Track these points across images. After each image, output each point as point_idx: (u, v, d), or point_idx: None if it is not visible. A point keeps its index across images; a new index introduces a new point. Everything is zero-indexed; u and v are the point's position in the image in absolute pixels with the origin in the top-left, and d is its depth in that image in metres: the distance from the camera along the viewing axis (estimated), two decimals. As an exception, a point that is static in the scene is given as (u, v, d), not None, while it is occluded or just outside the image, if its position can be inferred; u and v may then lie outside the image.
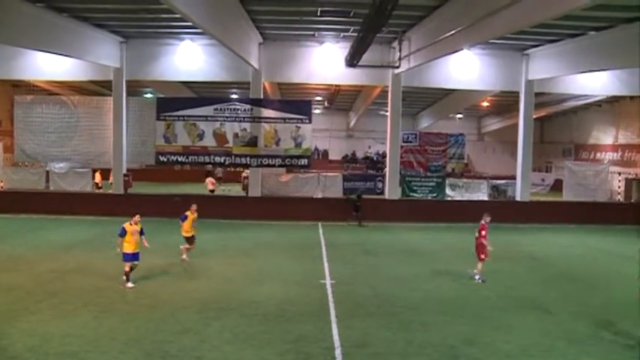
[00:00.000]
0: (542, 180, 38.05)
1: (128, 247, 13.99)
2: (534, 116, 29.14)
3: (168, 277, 15.20)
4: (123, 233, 13.94)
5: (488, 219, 15.64)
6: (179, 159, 25.60)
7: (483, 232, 15.36)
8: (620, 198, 29.86)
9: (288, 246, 20.38)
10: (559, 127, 47.17)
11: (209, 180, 32.10)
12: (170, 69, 26.77)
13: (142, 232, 14.25)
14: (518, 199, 27.74)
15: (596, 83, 28.28)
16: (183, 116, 25.42)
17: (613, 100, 36.36)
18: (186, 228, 16.70)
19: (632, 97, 29.85)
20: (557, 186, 35.45)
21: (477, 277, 15.47)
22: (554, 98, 36.76)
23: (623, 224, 26.45)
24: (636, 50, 20.25)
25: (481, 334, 11.16)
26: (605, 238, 23.84)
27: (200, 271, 16.02)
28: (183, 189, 31.88)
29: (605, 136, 40.44)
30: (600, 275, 16.95)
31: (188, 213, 16.72)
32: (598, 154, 40.41)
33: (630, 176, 29.71)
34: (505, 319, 12.30)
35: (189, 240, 16.85)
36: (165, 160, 25.51)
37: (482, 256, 15.38)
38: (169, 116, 25.45)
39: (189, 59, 26.42)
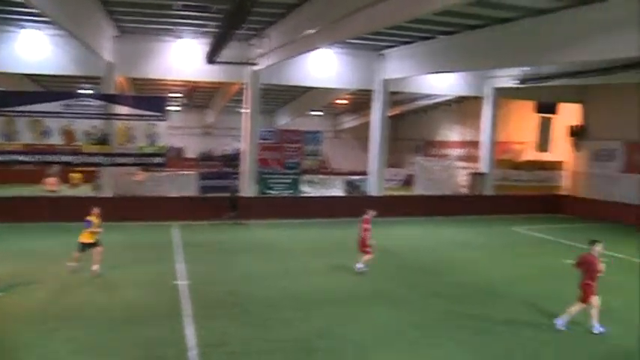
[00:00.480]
0: (395, 175, 39.91)
1: None
2: (389, 114, 30.43)
3: (4, 289, 13.35)
4: None
5: (373, 213, 16.17)
6: (20, 158, 23.47)
7: (365, 226, 15.82)
8: (466, 191, 32.05)
9: (141, 247, 19.34)
10: (411, 124, 49.54)
11: (48, 180, 30.02)
12: (10, 59, 24.28)
13: None
14: (372, 194, 28.75)
15: (444, 84, 30.19)
16: (26, 112, 23.33)
17: (460, 101, 38.92)
18: (90, 234, 15.00)
19: (476, 98, 32.15)
20: (409, 181, 37.34)
21: (359, 266, 16.03)
22: (407, 97, 38.73)
23: (468, 215, 28.62)
24: (478, 55, 22.03)
25: (336, 327, 11.45)
26: (454, 228, 25.33)
27: (42, 279, 14.46)
28: (22, 190, 29.18)
29: (452, 134, 43.41)
30: (448, 264, 18.05)
31: (92, 218, 15.03)
32: (446, 151, 43.19)
33: (474, 171, 31.95)
34: (359, 311, 12.71)
35: (88, 246, 15.01)
36: (3, 159, 23.26)
37: (368, 250, 15.89)
38: (9, 111, 23.23)
39: (33, 50, 24.19)
